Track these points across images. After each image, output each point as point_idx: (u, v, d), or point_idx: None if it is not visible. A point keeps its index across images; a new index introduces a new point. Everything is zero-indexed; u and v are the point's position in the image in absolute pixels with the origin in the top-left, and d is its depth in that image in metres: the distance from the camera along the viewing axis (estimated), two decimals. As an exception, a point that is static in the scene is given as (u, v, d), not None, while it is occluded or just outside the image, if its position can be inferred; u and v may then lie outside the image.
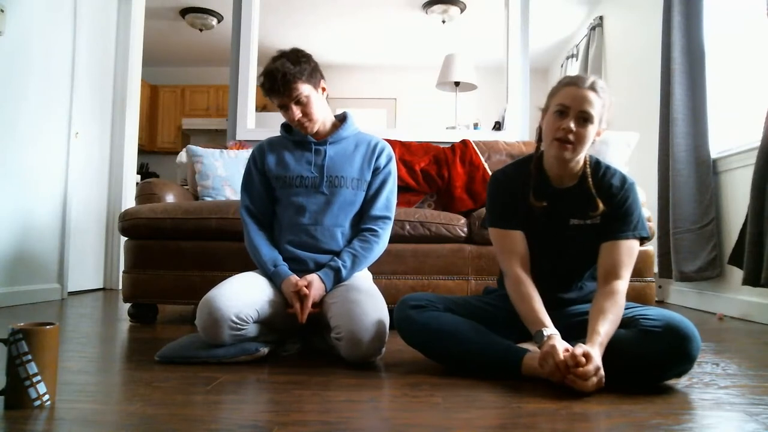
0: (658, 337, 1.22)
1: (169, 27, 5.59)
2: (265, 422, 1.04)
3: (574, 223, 1.46)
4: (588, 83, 1.38)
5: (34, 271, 3.03)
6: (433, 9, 4.92)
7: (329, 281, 1.66)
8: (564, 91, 1.39)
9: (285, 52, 1.70)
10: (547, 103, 1.45)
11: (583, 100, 1.36)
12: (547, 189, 1.48)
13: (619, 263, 1.39)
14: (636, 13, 4.11)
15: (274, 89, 1.66)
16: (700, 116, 3.03)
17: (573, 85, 1.39)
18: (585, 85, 1.37)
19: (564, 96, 1.38)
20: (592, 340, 1.25)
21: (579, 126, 1.36)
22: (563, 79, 1.45)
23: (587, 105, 1.36)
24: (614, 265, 1.39)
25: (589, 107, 1.36)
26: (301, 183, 1.74)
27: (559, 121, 1.38)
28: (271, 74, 1.65)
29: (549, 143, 1.41)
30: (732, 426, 1.05)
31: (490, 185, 1.57)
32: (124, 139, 3.98)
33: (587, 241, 1.46)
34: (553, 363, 1.22)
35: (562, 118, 1.37)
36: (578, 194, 1.45)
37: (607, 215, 1.43)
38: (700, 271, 2.91)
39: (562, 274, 1.52)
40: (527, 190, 1.48)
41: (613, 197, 1.44)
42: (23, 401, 1.06)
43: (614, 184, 1.45)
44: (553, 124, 1.39)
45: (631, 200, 1.44)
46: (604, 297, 1.35)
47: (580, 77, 1.41)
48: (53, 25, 3.18)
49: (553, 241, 1.49)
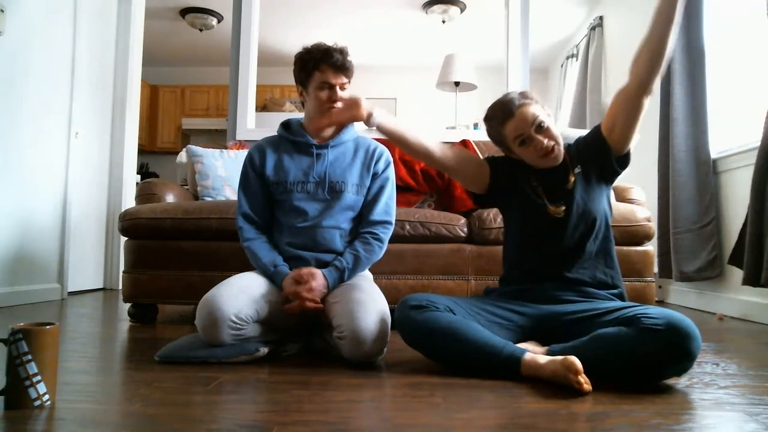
0: (659, 334, 1.23)
1: (169, 27, 5.59)
2: (265, 422, 1.04)
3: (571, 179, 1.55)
4: (515, 105, 1.51)
5: (34, 271, 3.03)
6: (433, 9, 4.92)
7: (333, 279, 1.65)
8: (509, 127, 1.52)
9: (331, 45, 1.70)
10: (503, 143, 1.59)
11: (526, 118, 1.50)
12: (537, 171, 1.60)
13: (617, 103, 1.51)
14: (636, 13, 4.11)
15: (336, 63, 1.66)
16: (700, 116, 3.04)
17: (509, 117, 1.51)
18: (515, 109, 1.51)
19: (513, 129, 1.52)
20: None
21: (544, 133, 1.51)
22: (495, 118, 1.56)
23: (533, 117, 1.50)
24: (617, 106, 1.51)
25: (535, 117, 1.50)
26: (302, 189, 1.74)
27: (531, 146, 1.52)
28: (334, 49, 1.67)
29: (539, 164, 1.56)
30: (732, 426, 1.05)
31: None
32: (124, 139, 3.98)
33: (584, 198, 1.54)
34: None
35: (531, 142, 1.51)
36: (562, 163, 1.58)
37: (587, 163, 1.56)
38: (700, 271, 2.91)
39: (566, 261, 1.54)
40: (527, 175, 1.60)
41: (579, 148, 1.60)
42: (23, 401, 1.06)
43: (571, 145, 1.62)
44: (529, 152, 1.53)
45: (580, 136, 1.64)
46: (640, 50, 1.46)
47: (504, 107, 1.53)
48: (53, 25, 3.18)
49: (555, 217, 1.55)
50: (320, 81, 1.68)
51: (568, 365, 1.23)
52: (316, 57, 1.67)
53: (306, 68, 1.69)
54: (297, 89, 1.77)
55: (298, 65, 1.72)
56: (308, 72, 1.69)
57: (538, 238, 1.58)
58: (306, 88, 1.73)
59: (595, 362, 1.26)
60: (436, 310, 1.45)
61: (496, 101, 1.57)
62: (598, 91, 4.53)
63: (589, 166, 1.57)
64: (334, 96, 1.68)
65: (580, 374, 1.21)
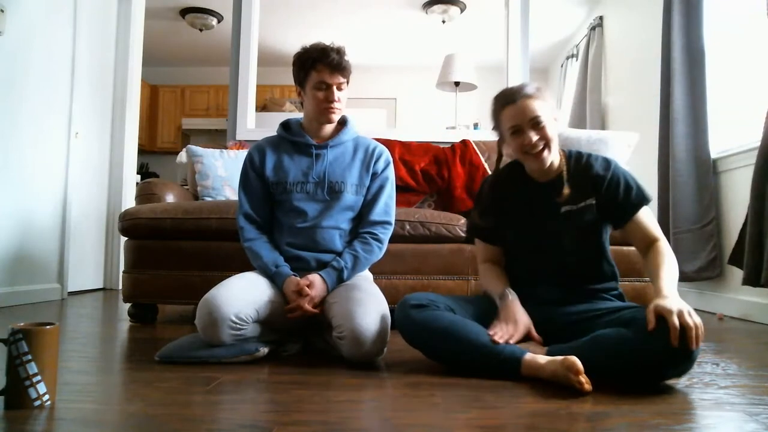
0: (659, 335, 1.22)
1: (169, 27, 5.59)
2: (265, 422, 1.04)
3: (566, 210, 1.51)
4: (521, 94, 1.47)
5: (34, 271, 3.03)
6: (433, 9, 4.92)
7: (331, 281, 1.66)
8: (506, 113, 1.49)
9: (328, 44, 1.69)
10: (498, 128, 1.55)
11: (525, 110, 1.46)
12: (534, 185, 1.56)
13: (648, 231, 1.48)
14: (636, 13, 4.11)
15: (332, 63, 1.65)
16: (700, 116, 3.03)
17: (510, 103, 1.48)
18: (518, 98, 1.47)
19: (509, 117, 1.48)
20: (660, 294, 1.30)
21: (537, 131, 1.46)
22: (499, 100, 1.53)
23: (532, 112, 1.45)
24: (645, 234, 1.49)
25: (534, 113, 1.45)
26: (301, 189, 1.74)
27: (520, 139, 1.47)
28: (330, 49, 1.66)
29: (524, 160, 1.52)
30: (732, 426, 1.05)
31: (480, 188, 1.68)
32: (124, 139, 3.98)
33: (582, 233, 1.51)
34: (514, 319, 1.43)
35: (521, 136, 1.47)
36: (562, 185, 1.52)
37: (601, 203, 1.50)
38: (700, 271, 2.90)
39: (564, 278, 1.54)
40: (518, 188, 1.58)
41: (602, 180, 1.50)
42: (23, 401, 1.06)
43: (595, 167, 1.51)
44: (517, 144, 1.49)
45: (623, 178, 1.50)
46: (653, 255, 1.44)
47: (510, 92, 1.50)
48: (53, 25, 3.18)
49: (549, 233, 1.53)
50: (317, 81, 1.67)
51: (568, 365, 1.23)
52: (313, 57, 1.67)
53: (303, 68, 1.69)
54: (296, 89, 1.77)
55: (296, 65, 1.72)
56: (305, 72, 1.69)
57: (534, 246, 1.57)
58: (304, 89, 1.73)
59: (595, 363, 1.26)
60: (437, 309, 1.45)
61: (509, 86, 1.56)
62: (598, 91, 4.53)
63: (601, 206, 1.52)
64: (331, 96, 1.68)
65: (581, 374, 1.21)
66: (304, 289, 1.61)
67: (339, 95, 1.69)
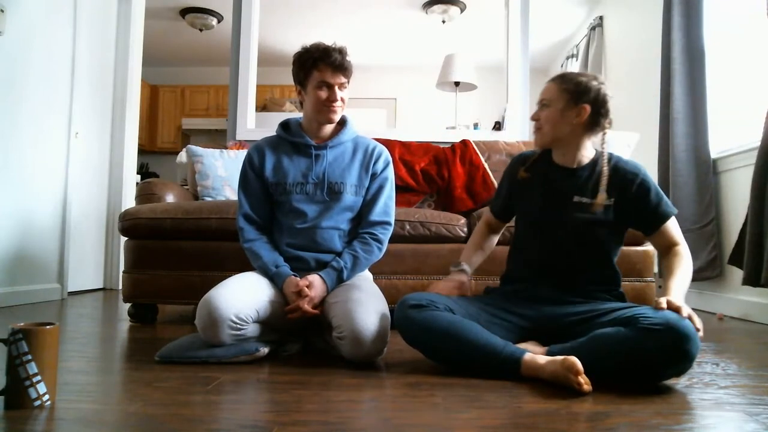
0: (658, 335, 1.23)
1: (169, 27, 5.59)
2: (265, 422, 1.04)
3: (577, 200, 1.52)
4: (556, 75, 1.57)
5: (34, 271, 3.03)
6: (433, 9, 4.92)
7: (331, 281, 1.66)
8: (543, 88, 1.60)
9: (330, 44, 1.70)
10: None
11: (544, 90, 1.56)
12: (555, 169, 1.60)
13: (672, 239, 1.55)
14: (636, 13, 4.11)
15: (335, 62, 1.65)
16: (700, 116, 3.03)
17: (548, 80, 1.58)
18: (552, 77, 1.57)
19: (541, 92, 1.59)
20: (668, 294, 1.37)
21: (540, 112, 1.56)
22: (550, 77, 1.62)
23: (542, 93, 1.56)
24: (669, 241, 1.55)
25: (544, 95, 1.55)
26: (301, 190, 1.73)
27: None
28: (333, 49, 1.67)
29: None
30: (732, 426, 1.05)
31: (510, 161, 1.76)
32: (124, 139, 3.98)
33: (588, 228, 1.51)
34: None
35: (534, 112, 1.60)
36: (587, 176, 1.54)
37: (623, 206, 1.52)
38: (700, 271, 2.90)
39: (565, 268, 1.54)
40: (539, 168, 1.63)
41: (629, 184, 1.52)
42: (23, 401, 1.06)
43: (627, 169, 1.53)
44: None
45: (652, 189, 1.53)
46: (672, 256, 1.51)
47: (560, 73, 1.59)
48: (53, 25, 3.18)
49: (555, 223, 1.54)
50: (319, 80, 1.67)
51: (568, 365, 1.23)
52: (314, 56, 1.66)
53: (304, 67, 1.69)
54: (295, 89, 1.77)
55: (296, 65, 1.72)
56: (307, 71, 1.69)
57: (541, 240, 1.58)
58: (305, 88, 1.72)
59: (595, 363, 1.26)
60: (436, 309, 1.45)
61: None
62: (598, 91, 4.52)
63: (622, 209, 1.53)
64: (332, 96, 1.68)
65: (581, 374, 1.21)
66: (304, 289, 1.61)
67: (340, 95, 1.69)
